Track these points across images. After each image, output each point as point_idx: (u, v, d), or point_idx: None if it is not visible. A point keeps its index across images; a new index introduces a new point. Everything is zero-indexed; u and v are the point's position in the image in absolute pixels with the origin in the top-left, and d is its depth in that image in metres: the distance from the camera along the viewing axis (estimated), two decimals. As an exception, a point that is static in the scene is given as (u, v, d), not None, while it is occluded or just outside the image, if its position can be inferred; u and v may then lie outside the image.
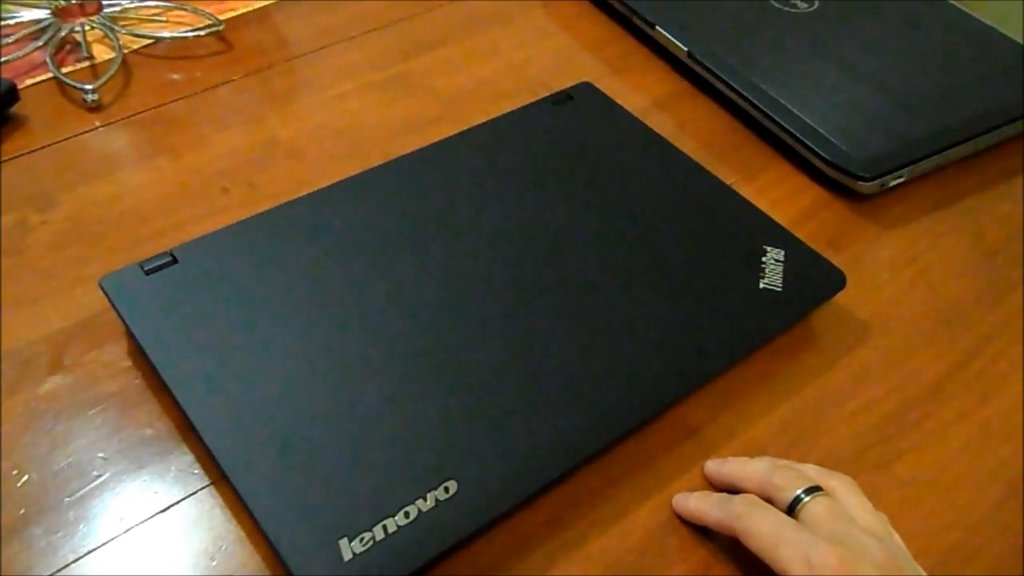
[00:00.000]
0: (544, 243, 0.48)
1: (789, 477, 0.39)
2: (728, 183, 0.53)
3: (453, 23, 0.67)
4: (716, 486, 0.42)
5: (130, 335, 0.43)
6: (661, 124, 0.58)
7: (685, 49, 0.63)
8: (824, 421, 0.46)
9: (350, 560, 0.35)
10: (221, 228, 0.47)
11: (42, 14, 0.62)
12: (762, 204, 0.53)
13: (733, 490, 0.41)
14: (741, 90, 0.60)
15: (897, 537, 0.38)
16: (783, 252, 0.49)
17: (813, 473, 0.40)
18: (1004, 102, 0.61)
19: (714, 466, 0.42)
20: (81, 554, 0.38)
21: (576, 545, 0.40)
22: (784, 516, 0.37)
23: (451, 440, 0.39)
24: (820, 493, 0.38)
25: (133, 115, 0.58)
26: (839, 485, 0.39)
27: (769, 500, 0.39)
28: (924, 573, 0.36)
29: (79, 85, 0.58)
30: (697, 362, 0.44)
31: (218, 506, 0.40)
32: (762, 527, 0.37)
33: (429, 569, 0.37)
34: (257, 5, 0.67)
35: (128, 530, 0.39)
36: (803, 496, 0.38)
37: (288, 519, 0.36)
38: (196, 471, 0.41)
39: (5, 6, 0.62)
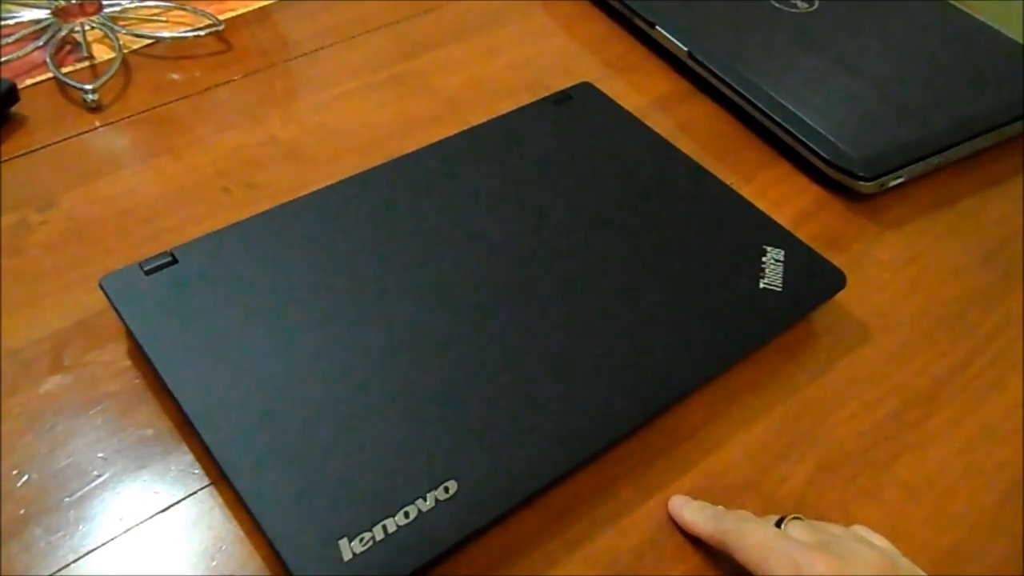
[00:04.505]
0: (544, 243, 0.48)
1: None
2: (728, 183, 0.53)
3: (453, 23, 0.67)
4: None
5: (130, 335, 0.43)
6: (661, 124, 0.58)
7: (685, 49, 0.63)
8: (824, 421, 0.46)
9: (350, 560, 0.35)
10: (221, 228, 0.47)
11: (42, 14, 0.62)
12: (762, 204, 0.53)
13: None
14: (741, 90, 0.60)
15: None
16: (783, 252, 0.49)
17: None
18: (1004, 102, 0.61)
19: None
20: (81, 554, 0.38)
21: (576, 545, 0.40)
22: (773, 528, 0.37)
23: (451, 440, 0.39)
24: (797, 515, 0.38)
25: (133, 115, 0.58)
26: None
27: None
28: (921, 573, 0.36)
29: (79, 85, 0.58)
30: (697, 362, 0.44)
31: (218, 506, 0.40)
32: (751, 539, 0.37)
33: (429, 569, 0.37)
34: (257, 5, 0.67)
35: (128, 530, 0.39)
36: (782, 520, 0.38)
37: (288, 519, 0.36)
38: (196, 471, 0.41)
39: (5, 6, 0.62)
